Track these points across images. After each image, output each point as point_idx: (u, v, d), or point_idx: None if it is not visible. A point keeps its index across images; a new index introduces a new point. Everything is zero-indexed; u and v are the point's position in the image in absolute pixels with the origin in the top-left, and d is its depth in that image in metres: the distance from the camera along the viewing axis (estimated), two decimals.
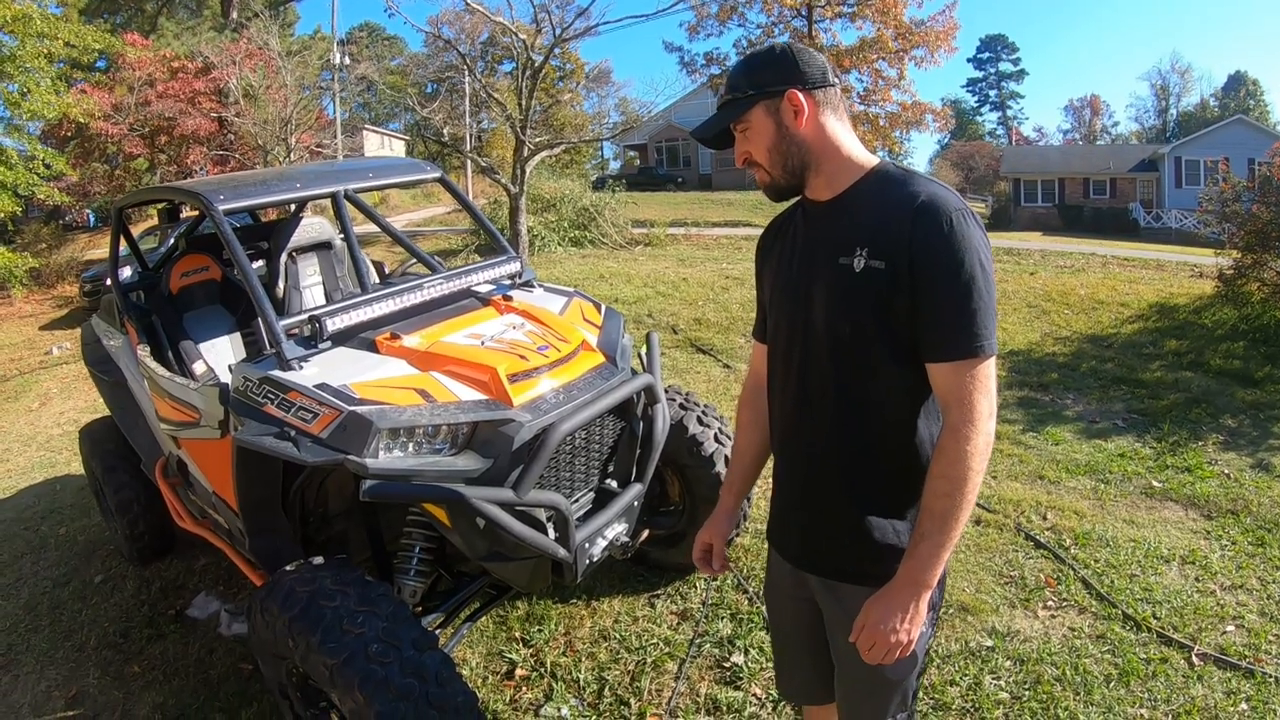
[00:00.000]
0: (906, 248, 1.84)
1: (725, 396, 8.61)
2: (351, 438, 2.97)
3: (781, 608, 2.46)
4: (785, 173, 2.02)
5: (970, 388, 1.83)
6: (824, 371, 2.03)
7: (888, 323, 1.91)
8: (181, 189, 4.42)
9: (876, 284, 1.88)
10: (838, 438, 2.04)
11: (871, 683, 2.14)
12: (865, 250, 1.90)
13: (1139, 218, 41.97)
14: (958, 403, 1.85)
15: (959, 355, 1.83)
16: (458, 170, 41.72)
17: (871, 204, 1.95)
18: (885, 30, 27.83)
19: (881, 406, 2.00)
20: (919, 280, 1.84)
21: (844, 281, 1.94)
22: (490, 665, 4.13)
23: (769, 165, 2.02)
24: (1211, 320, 11.57)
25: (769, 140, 2.00)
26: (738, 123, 2.03)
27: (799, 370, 2.09)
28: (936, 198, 1.86)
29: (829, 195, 2.03)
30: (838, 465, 2.06)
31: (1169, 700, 3.73)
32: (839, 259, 1.95)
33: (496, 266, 4.47)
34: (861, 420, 2.01)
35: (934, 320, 1.85)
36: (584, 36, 18.69)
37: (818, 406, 2.06)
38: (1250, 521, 5.65)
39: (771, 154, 2.01)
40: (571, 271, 16.44)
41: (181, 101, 26.19)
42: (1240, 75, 72.51)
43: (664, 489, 4.66)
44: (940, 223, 1.83)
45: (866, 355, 1.96)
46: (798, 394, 2.11)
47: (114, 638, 4.72)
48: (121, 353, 4.94)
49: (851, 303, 1.93)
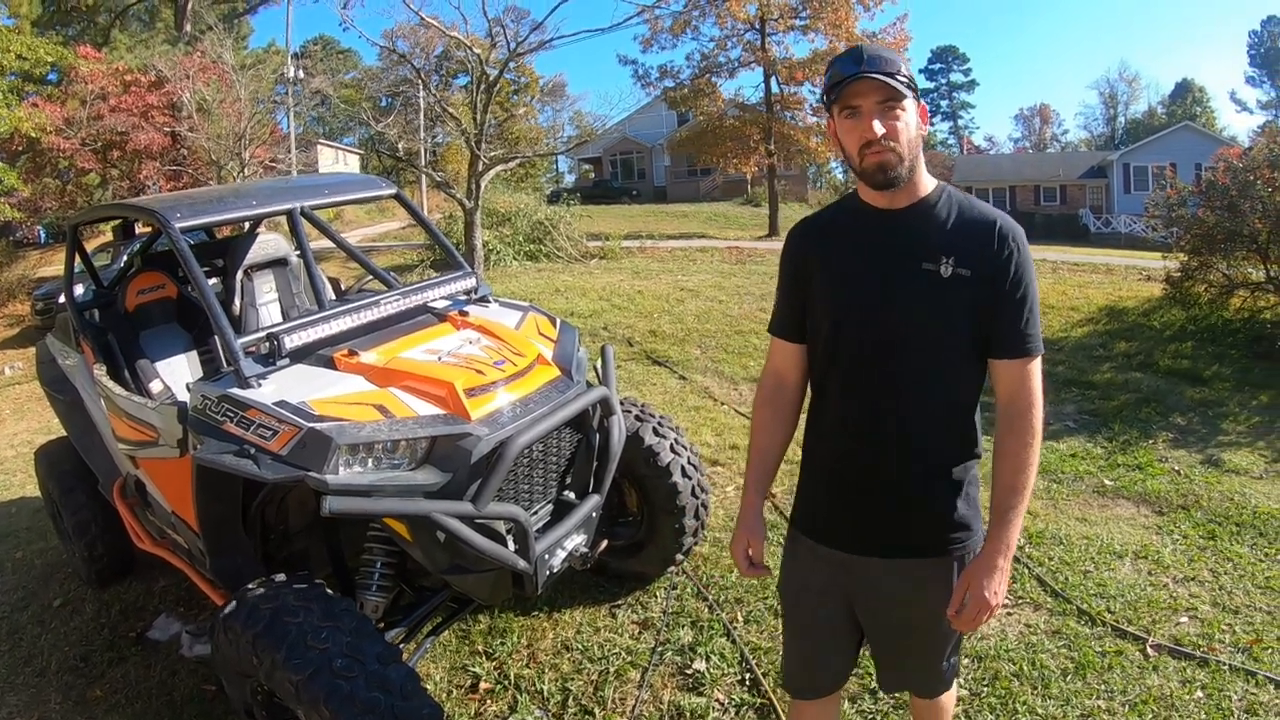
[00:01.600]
0: (992, 261, 2.17)
1: (681, 407, 8.67)
2: (311, 454, 3.00)
3: (810, 605, 2.57)
4: (909, 164, 2.20)
5: (1034, 380, 2.22)
6: (911, 361, 2.25)
7: (969, 322, 2.21)
8: (138, 206, 4.41)
9: (962, 289, 2.18)
10: (922, 419, 2.29)
11: (937, 641, 2.47)
12: (951, 259, 2.18)
13: (1089, 223, 42.66)
14: (1026, 392, 2.22)
15: (1026, 353, 2.21)
16: (413, 185, 41.49)
17: (949, 218, 2.24)
18: (837, 43, 27.87)
19: (958, 392, 2.30)
20: (1000, 289, 2.18)
21: (933, 284, 2.19)
22: (454, 679, 4.14)
23: (906, 151, 2.17)
24: (1160, 322, 11.82)
25: (914, 131, 2.18)
26: (898, 99, 2.15)
27: (879, 361, 2.28)
28: (1011, 222, 2.23)
29: (906, 203, 2.27)
30: (921, 447, 2.30)
31: (1125, 691, 3.82)
32: (924, 264, 2.20)
33: (452, 282, 4.51)
34: (943, 404, 2.30)
35: (1009, 324, 2.20)
36: (539, 50, 18.78)
37: (904, 394, 2.28)
38: (1201, 516, 5.82)
39: (913, 144, 2.18)
40: (527, 286, 16.42)
41: (134, 116, 25.81)
42: (1187, 83, 73.54)
43: (622, 500, 4.71)
44: (1020, 243, 2.19)
45: (950, 348, 2.24)
46: (880, 382, 2.29)
47: (75, 662, 4.66)
48: (77, 372, 4.90)
49: (940, 303, 2.20)
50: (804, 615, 2.61)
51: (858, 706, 3.72)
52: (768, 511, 5.76)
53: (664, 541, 4.56)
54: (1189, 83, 73.15)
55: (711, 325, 12.46)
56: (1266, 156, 11.17)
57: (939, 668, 2.55)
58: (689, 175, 48.45)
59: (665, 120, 47.34)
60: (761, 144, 29.31)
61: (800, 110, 30.11)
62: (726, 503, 6.01)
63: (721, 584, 4.79)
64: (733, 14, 28.41)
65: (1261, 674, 3.91)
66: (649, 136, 50.44)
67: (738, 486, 6.30)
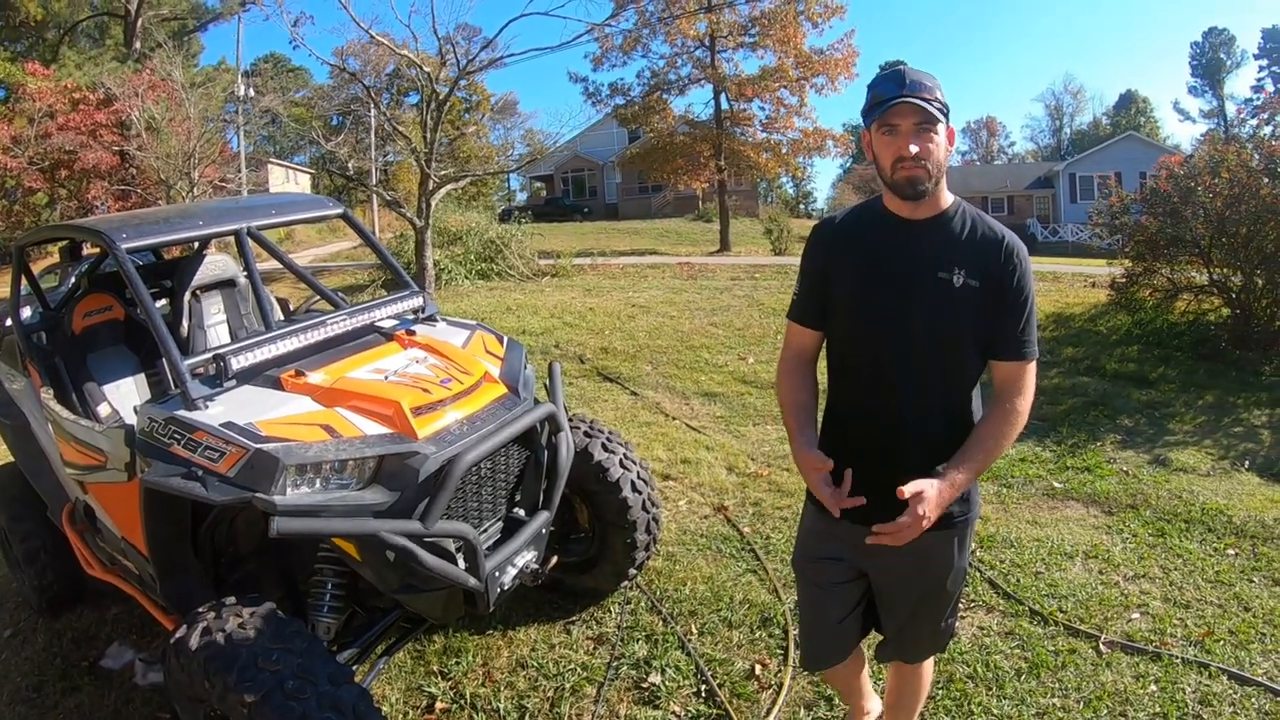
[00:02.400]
0: (998, 274, 2.47)
1: (633, 423, 8.69)
2: (259, 475, 2.99)
3: (826, 571, 2.88)
4: (936, 180, 2.46)
5: (1027, 381, 2.53)
6: (924, 360, 2.54)
7: (975, 326, 2.50)
8: (83, 227, 4.37)
9: (971, 297, 2.47)
10: (932, 408, 2.59)
11: (939, 601, 2.81)
12: (963, 270, 2.47)
13: (1036, 233, 43.27)
14: (1018, 390, 2.52)
15: (1024, 357, 2.52)
16: (364, 204, 41.38)
17: (963, 232, 2.52)
18: (786, 59, 28.14)
19: (964, 386, 2.61)
20: (1003, 299, 2.48)
21: (946, 292, 2.48)
22: (410, 700, 4.12)
23: (935, 169, 2.44)
24: (1106, 327, 12.03)
25: (943, 151, 2.45)
26: (933, 122, 2.40)
27: (896, 358, 2.57)
28: (1016, 240, 2.53)
29: (927, 214, 2.54)
30: (933, 431, 2.58)
31: (1079, 688, 3.91)
32: (939, 273, 2.48)
33: (399, 301, 4.51)
34: (950, 397, 2.61)
35: (1010, 330, 2.50)
36: (489, 68, 18.77)
37: (917, 388, 2.56)
38: (1150, 514, 5.95)
39: (941, 163, 2.46)
40: (479, 304, 16.37)
41: (82, 134, 25.61)
42: (1131, 94, 75.02)
43: (573, 516, 4.72)
44: (1022, 259, 2.49)
45: (959, 349, 2.54)
46: (896, 377, 2.58)
47: (27, 693, 4.56)
48: (24, 396, 4.82)
49: (952, 309, 2.48)
50: (820, 581, 2.90)
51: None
52: (720, 524, 5.82)
53: (616, 557, 4.57)
54: (1133, 94, 74.73)
55: (663, 341, 12.50)
56: (1208, 163, 11.38)
57: (939, 628, 2.90)
58: (640, 192, 48.72)
59: (616, 138, 47.49)
60: (712, 160, 29.44)
61: (750, 126, 30.23)
62: (679, 516, 6.04)
63: (675, 597, 4.83)
64: (683, 31, 28.54)
65: (1214, 666, 4.02)
66: (600, 154, 50.65)
67: (690, 500, 6.36)
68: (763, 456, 7.40)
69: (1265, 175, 10.58)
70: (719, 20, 28.37)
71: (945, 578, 2.74)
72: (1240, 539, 5.48)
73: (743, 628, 4.52)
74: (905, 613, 2.86)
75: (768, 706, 3.87)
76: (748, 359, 11.36)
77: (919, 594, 2.79)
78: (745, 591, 4.87)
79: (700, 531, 5.76)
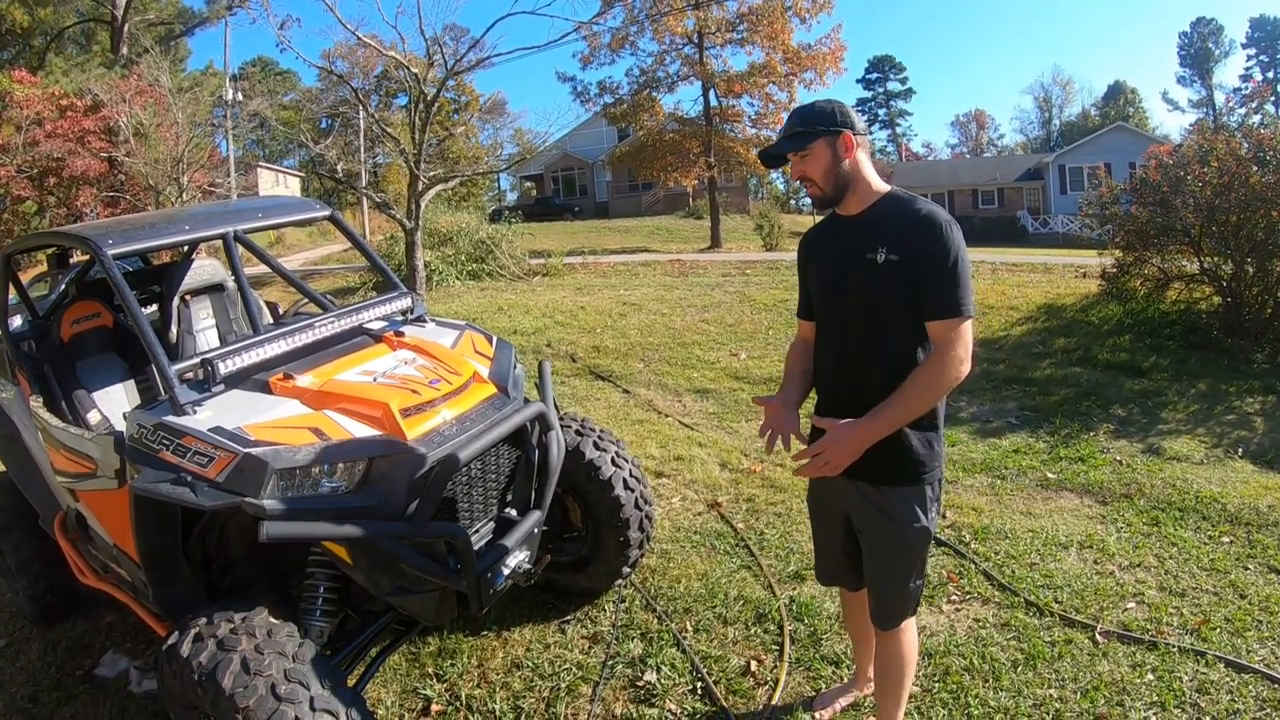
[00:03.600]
0: (915, 245, 2.76)
1: (625, 421, 8.70)
2: (248, 480, 2.98)
3: (825, 510, 3.34)
4: (833, 190, 2.92)
5: (952, 337, 2.74)
6: (863, 330, 2.92)
7: (902, 296, 2.80)
8: (69, 234, 4.36)
9: (893, 270, 2.79)
10: (875, 376, 2.89)
11: (896, 559, 3.04)
12: (885, 248, 2.80)
13: (1027, 225, 43.41)
14: (944, 345, 2.75)
15: (946, 315, 2.74)
16: (354, 206, 41.31)
17: (888, 217, 2.87)
18: (774, 55, 28.19)
19: (907, 351, 2.87)
20: (921, 267, 2.75)
21: (871, 269, 2.83)
22: (405, 703, 4.11)
23: (822, 183, 2.91)
24: (1098, 317, 12.06)
25: (825, 165, 2.88)
26: (802, 151, 2.89)
27: (842, 330, 2.99)
28: (934, 212, 2.79)
29: (856, 210, 2.95)
30: (876, 394, 2.83)
31: (1076, 679, 3.90)
32: (866, 254, 2.84)
33: (388, 303, 4.50)
34: (894, 361, 2.87)
35: (931, 293, 2.75)
36: (477, 69, 18.68)
37: (860, 354, 2.95)
38: (1144, 503, 5.96)
39: (826, 175, 2.90)
40: (470, 305, 16.38)
41: (70, 141, 25.48)
42: (1119, 85, 75.06)
43: (566, 515, 4.71)
44: (936, 227, 2.75)
45: (892, 318, 2.85)
46: (843, 347, 3.00)
47: (22, 703, 4.54)
48: (13, 405, 4.81)
49: (878, 283, 2.83)
50: (823, 518, 3.37)
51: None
52: (714, 521, 5.81)
53: (609, 555, 4.56)
54: (1121, 84, 74.80)
55: (655, 338, 12.54)
56: (1197, 152, 11.41)
57: (904, 589, 3.08)
58: (630, 190, 48.69)
59: (606, 136, 47.52)
60: (702, 157, 29.49)
61: (739, 123, 30.29)
62: (673, 514, 6.04)
63: (670, 594, 4.82)
64: (670, 29, 28.53)
65: (1211, 653, 4.02)
66: (590, 152, 50.66)
67: (683, 497, 6.36)
68: (756, 452, 7.39)
69: (1254, 163, 10.61)
70: (707, 17, 28.37)
71: (906, 534, 2.98)
72: (1235, 526, 5.49)
73: (738, 624, 4.52)
74: (874, 565, 3.12)
75: (764, 702, 3.87)
76: (740, 355, 11.38)
77: (883, 546, 3.05)
78: (740, 587, 4.87)
79: (694, 528, 5.76)
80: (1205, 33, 71.55)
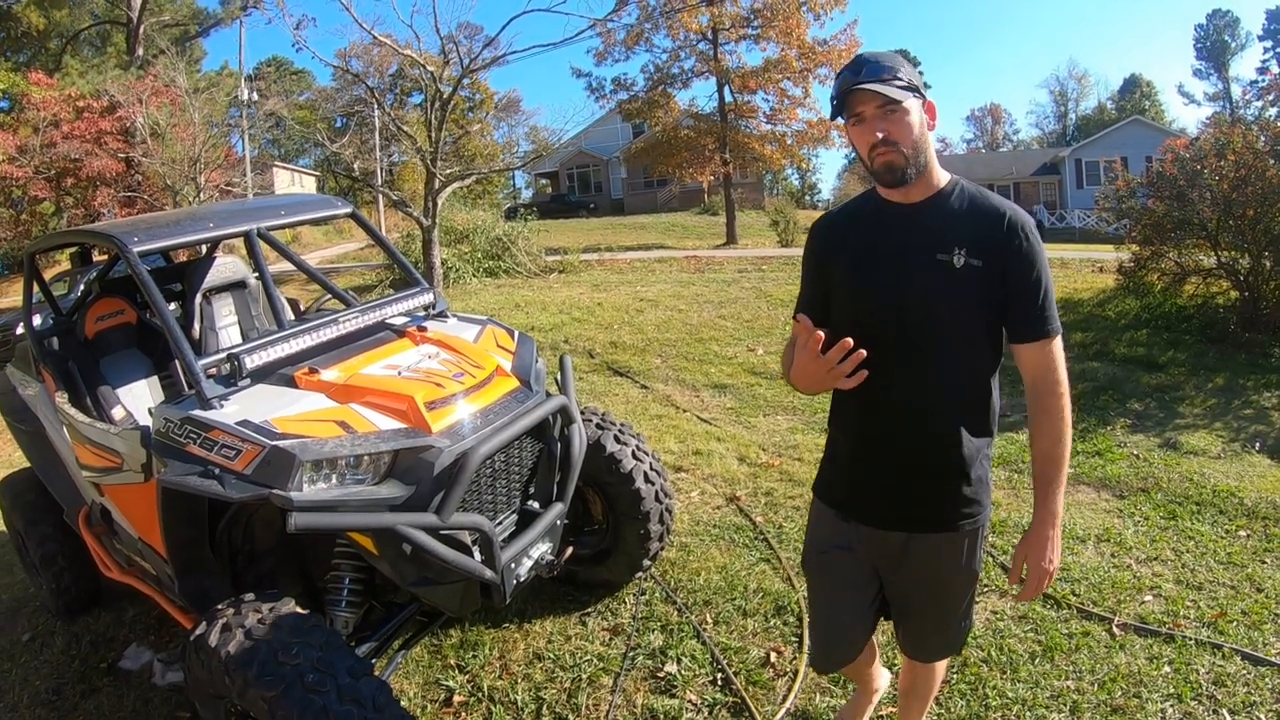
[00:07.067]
0: (1002, 251, 2.33)
1: (644, 416, 8.72)
2: (275, 472, 3.01)
3: (835, 564, 2.78)
4: (916, 163, 2.35)
5: (1056, 359, 2.38)
6: (928, 348, 2.41)
7: (982, 309, 2.38)
8: (95, 231, 4.40)
9: (974, 278, 2.34)
10: (937, 405, 2.45)
11: (948, 604, 2.70)
12: (964, 250, 2.34)
13: (1043, 219, 43.03)
14: (1049, 372, 2.38)
15: (1046, 335, 2.36)
16: (370, 205, 41.32)
17: (965, 212, 2.40)
18: (789, 51, 28.15)
19: (973, 376, 2.47)
20: (1011, 278, 2.33)
21: (946, 274, 2.35)
22: (428, 694, 4.15)
23: (910, 150, 2.33)
24: (1115, 311, 12.00)
25: (917, 131, 2.33)
26: (893, 103, 2.29)
27: (898, 349, 2.41)
28: (1021, 214, 2.39)
29: (920, 197, 2.43)
30: (935, 430, 2.46)
31: (1094, 670, 3.91)
32: (937, 255, 2.36)
33: (410, 299, 4.53)
34: (957, 388, 2.46)
35: (1026, 310, 2.36)
36: (492, 66, 18.75)
37: (921, 379, 2.44)
38: (1161, 497, 5.95)
39: (919, 143, 2.34)
40: (487, 302, 16.39)
41: (87, 142, 25.62)
42: (1135, 78, 74.53)
43: (587, 508, 4.76)
44: (1028, 232, 2.35)
45: (964, 335, 2.41)
46: (899, 369, 2.41)
47: (47, 696, 4.59)
48: (39, 401, 4.86)
49: (954, 292, 2.35)
50: (831, 574, 2.83)
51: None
52: (733, 514, 5.83)
53: (630, 548, 4.60)
54: (1137, 78, 74.25)
55: (672, 334, 12.53)
56: (1213, 146, 11.33)
57: (956, 628, 2.78)
58: (646, 187, 48.65)
59: (621, 133, 47.60)
60: (717, 153, 29.51)
61: (754, 118, 30.28)
62: (692, 507, 6.07)
63: (690, 587, 4.85)
64: (685, 25, 28.53)
65: (1227, 646, 4.03)
66: (605, 149, 50.67)
67: (702, 491, 6.38)
68: (774, 447, 7.41)
69: (1271, 157, 10.52)
70: (721, 13, 28.42)
71: (954, 580, 2.65)
72: (1252, 520, 5.48)
73: (757, 616, 4.54)
74: (915, 614, 2.79)
75: (783, 693, 3.89)
76: (757, 350, 11.37)
77: (928, 596, 2.71)
78: (759, 580, 4.89)
79: (713, 522, 5.78)
80: (1221, 25, 70.95)
